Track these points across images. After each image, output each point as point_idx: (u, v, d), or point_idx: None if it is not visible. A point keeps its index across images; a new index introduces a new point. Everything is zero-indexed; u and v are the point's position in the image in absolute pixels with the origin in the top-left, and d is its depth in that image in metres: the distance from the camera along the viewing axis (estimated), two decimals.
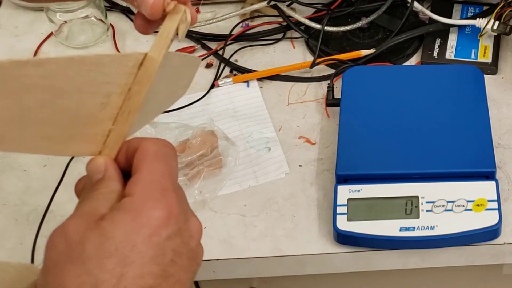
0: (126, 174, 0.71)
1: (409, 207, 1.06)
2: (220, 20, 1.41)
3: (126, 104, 0.69)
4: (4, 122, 0.60)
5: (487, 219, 1.04)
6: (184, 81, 0.84)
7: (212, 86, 1.29)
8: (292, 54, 1.36)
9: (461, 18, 1.37)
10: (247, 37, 1.38)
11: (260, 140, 1.20)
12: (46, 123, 0.64)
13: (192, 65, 0.84)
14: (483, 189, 1.07)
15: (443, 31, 1.35)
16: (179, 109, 1.24)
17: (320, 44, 1.32)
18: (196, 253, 0.70)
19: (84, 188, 0.71)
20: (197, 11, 1.44)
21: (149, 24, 0.77)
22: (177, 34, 0.72)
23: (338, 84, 1.25)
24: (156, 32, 0.72)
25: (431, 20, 1.35)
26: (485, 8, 1.39)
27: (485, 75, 1.23)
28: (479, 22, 1.31)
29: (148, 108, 0.73)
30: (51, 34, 1.40)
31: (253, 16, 1.42)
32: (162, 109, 0.87)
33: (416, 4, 1.35)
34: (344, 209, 1.06)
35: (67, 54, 0.68)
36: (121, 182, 0.70)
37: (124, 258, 0.63)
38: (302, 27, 1.37)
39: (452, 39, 1.34)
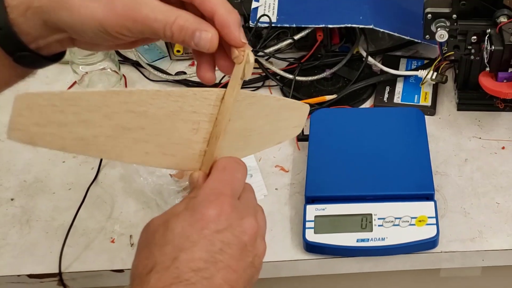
0: None
1: (364, 223, 1.06)
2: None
3: (214, 130, 0.72)
4: (109, 138, 0.64)
5: (427, 232, 1.05)
6: (294, 123, 0.87)
7: None
8: None
9: (406, 70, 1.38)
10: None
11: None
12: (147, 142, 0.67)
13: (301, 110, 0.87)
14: (424, 208, 1.07)
15: (392, 80, 1.36)
16: None
17: (292, 91, 1.33)
18: (250, 246, 0.72)
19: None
20: (193, 64, 1.45)
21: (213, 72, 0.77)
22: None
23: (307, 123, 1.24)
24: None
25: (382, 71, 1.36)
26: (425, 61, 1.41)
27: (425, 116, 1.23)
28: (421, 73, 1.32)
29: (252, 139, 0.78)
30: (75, 82, 1.40)
31: None
32: (272, 144, 0.88)
33: (370, 59, 1.36)
34: (311, 224, 1.06)
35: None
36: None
37: (178, 245, 0.67)
38: (278, 77, 1.37)
39: (399, 87, 1.35)
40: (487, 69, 1.17)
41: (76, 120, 0.61)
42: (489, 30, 1.15)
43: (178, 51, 1.42)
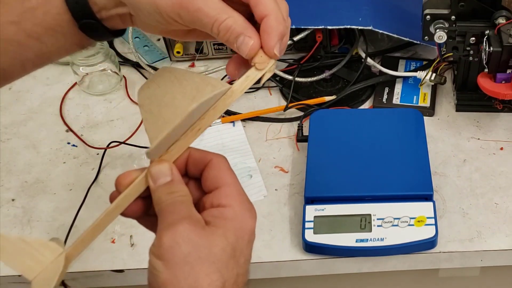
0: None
1: (364, 223, 1.06)
2: (212, 72, 1.41)
3: (199, 122, 0.69)
4: None
5: (426, 233, 1.05)
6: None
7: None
8: (269, 99, 1.37)
9: (405, 71, 1.38)
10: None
11: (243, 169, 1.21)
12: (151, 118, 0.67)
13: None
14: (423, 208, 1.07)
15: (391, 81, 1.36)
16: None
17: (291, 92, 1.33)
18: None
19: (131, 183, 0.71)
20: (193, 65, 1.45)
21: (238, 70, 0.75)
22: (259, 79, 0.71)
23: (306, 124, 1.26)
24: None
25: (381, 73, 1.36)
26: (424, 62, 1.41)
27: (424, 117, 1.24)
28: (420, 74, 1.32)
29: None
30: (75, 84, 1.40)
31: None
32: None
33: (369, 60, 1.37)
34: (311, 225, 1.06)
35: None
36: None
37: (238, 259, 0.67)
38: (277, 78, 1.37)
39: (398, 88, 1.35)
40: (486, 70, 1.17)
41: None
42: (488, 32, 1.15)
43: (178, 52, 1.42)
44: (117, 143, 1.25)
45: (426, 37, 1.22)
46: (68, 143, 1.28)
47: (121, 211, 0.71)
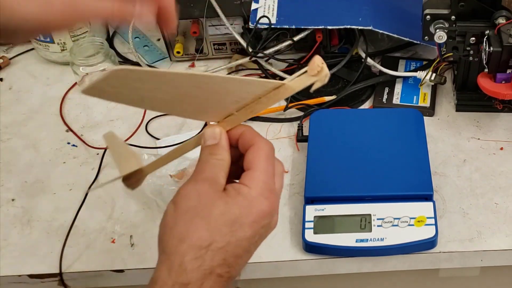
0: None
1: (364, 223, 1.06)
2: (212, 72, 1.41)
3: (253, 106, 0.76)
4: (157, 99, 0.72)
5: (426, 233, 1.05)
6: None
7: (205, 125, 1.28)
8: None
9: (405, 71, 1.38)
10: None
11: None
12: (188, 104, 0.74)
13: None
14: (423, 208, 1.07)
15: (391, 81, 1.36)
16: (179, 144, 1.24)
17: None
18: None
19: None
20: (193, 65, 1.45)
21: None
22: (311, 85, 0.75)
23: (306, 124, 1.26)
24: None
25: (381, 73, 1.36)
26: (424, 62, 1.41)
27: (424, 117, 1.24)
28: (420, 74, 1.32)
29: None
30: (75, 83, 1.40)
31: (238, 69, 1.43)
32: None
33: (369, 60, 1.37)
34: (311, 225, 1.06)
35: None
36: (229, 154, 0.77)
37: (234, 230, 0.72)
38: (277, 78, 1.36)
39: (398, 88, 1.35)
40: (486, 70, 1.17)
41: (150, 87, 0.69)
42: (488, 32, 1.15)
43: (178, 52, 1.42)
44: None
45: (426, 37, 1.22)
46: (68, 143, 1.28)
47: (184, 153, 0.82)
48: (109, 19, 0.77)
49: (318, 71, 0.74)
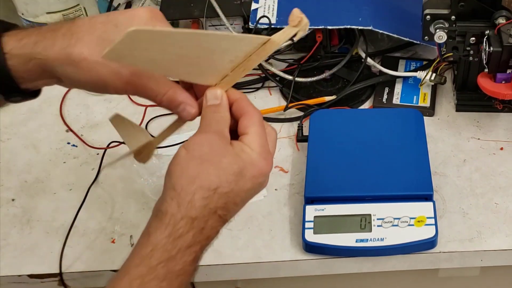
0: None
1: (363, 223, 1.06)
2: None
3: (245, 64, 0.82)
4: (170, 61, 0.76)
5: (426, 233, 1.05)
6: None
7: None
8: (269, 99, 1.37)
9: (405, 71, 1.38)
10: (233, 86, 1.38)
11: None
12: (194, 65, 0.79)
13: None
14: (423, 208, 1.07)
15: (391, 81, 1.36)
16: (179, 144, 1.24)
17: (291, 92, 1.33)
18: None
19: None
20: None
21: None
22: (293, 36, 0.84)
23: (306, 124, 1.26)
24: None
25: (381, 73, 1.36)
26: (424, 62, 1.41)
27: (424, 117, 1.24)
28: (420, 74, 1.32)
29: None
30: None
31: None
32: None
33: (369, 60, 1.37)
34: (311, 224, 1.06)
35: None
36: (229, 113, 0.83)
37: (238, 180, 0.79)
38: (277, 78, 1.37)
39: (398, 88, 1.35)
40: (486, 70, 1.17)
41: (157, 48, 0.73)
42: (488, 32, 1.15)
43: None
44: (117, 143, 1.25)
45: (426, 37, 1.22)
46: (68, 143, 1.28)
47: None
48: (164, 101, 0.83)
49: (298, 21, 0.84)
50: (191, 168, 0.78)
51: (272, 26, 1.33)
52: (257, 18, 1.35)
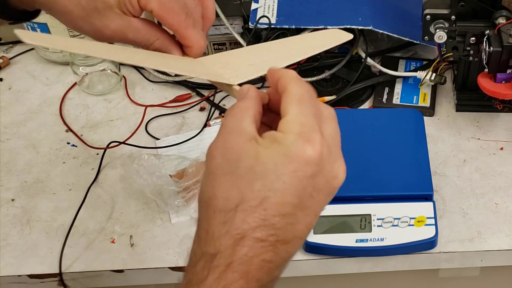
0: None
1: (363, 223, 1.06)
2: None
3: None
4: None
5: (426, 233, 1.05)
6: None
7: (205, 125, 1.29)
8: None
9: (405, 71, 1.38)
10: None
11: None
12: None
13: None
14: (423, 208, 1.07)
15: (391, 81, 1.36)
16: (179, 144, 1.25)
17: None
18: (337, 189, 0.66)
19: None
20: None
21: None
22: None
23: None
24: None
25: (381, 73, 1.36)
26: (424, 62, 1.41)
27: (424, 117, 1.23)
28: (420, 74, 1.33)
29: None
30: (75, 83, 1.40)
31: None
32: None
33: (369, 60, 1.37)
34: None
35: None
36: (260, 102, 0.67)
37: (270, 184, 0.61)
38: None
39: (398, 88, 1.35)
40: (486, 70, 1.17)
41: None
42: (488, 31, 1.15)
43: None
44: (117, 143, 1.25)
45: (426, 37, 1.22)
46: (68, 143, 1.28)
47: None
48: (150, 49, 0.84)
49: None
50: (206, 190, 0.64)
51: (272, 26, 1.33)
52: (257, 18, 1.35)
